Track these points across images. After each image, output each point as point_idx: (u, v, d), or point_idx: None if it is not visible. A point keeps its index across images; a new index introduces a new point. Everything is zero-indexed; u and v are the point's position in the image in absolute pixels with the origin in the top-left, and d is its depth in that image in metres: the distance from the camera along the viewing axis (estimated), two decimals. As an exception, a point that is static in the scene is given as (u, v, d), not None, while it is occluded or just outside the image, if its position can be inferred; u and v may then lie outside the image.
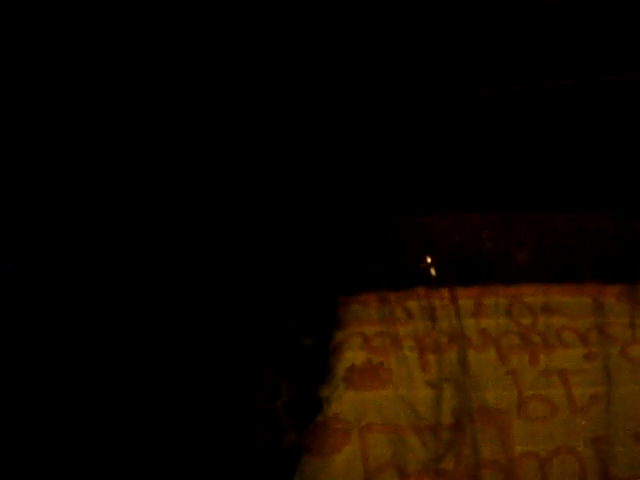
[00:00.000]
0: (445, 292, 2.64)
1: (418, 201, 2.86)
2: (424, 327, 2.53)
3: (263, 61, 2.85)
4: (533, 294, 2.64)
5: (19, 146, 2.86)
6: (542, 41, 2.79)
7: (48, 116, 2.90)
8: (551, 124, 2.93)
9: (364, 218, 2.86)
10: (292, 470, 2.10)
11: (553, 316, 2.56)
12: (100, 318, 2.57)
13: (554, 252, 2.81)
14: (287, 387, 2.46)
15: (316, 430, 2.18)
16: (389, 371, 2.37)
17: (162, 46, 2.88)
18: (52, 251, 2.71)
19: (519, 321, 2.55)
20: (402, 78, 2.88)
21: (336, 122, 2.92)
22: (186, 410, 2.36)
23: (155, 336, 2.58)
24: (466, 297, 2.63)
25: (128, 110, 2.89)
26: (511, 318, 2.56)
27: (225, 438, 2.29)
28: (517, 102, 2.92)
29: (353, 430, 2.17)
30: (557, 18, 2.76)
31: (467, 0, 2.74)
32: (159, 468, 2.22)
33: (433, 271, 2.74)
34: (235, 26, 2.84)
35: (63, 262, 2.68)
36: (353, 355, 2.44)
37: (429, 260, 2.76)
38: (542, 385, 2.31)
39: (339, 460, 2.10)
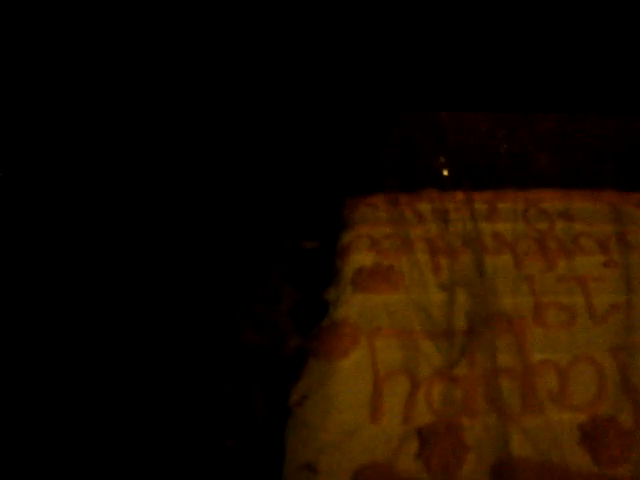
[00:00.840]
0: (459, 195, 2.52)
1: (431, 98, 2.72)
2: (436, 230, 2.41)
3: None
4: (550, 199, 2.53)
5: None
6: None
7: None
8: (575, 21, 2.76)
9: (373, 114, 2.71)
10: (297, 375, 1.98)
11: (571, 222, 2.45)
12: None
13: (574, 156, 2.70)
14: (290, 291, 2.35)
15: (322, 334, 2.06)
16: (400, 274, 2.25)
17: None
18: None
19: (536, 226, 2.43)
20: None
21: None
22: (188, 315, 2.25)
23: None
24: (480, 200, 2.51)
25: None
26: (527, 223, 2.45)
27: (227, 344, 2.18)
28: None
29: (362, 334, 2.06)
30: None
31: None
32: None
33: (446, 172, 2.62)
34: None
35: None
36: (361, 257, 2.31)
37: (442, 161, 2.63)
38: (560, 292, 2.20)
39: (347, 364, 1.99)
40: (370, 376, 1.97)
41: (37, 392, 2.14)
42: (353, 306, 2.14)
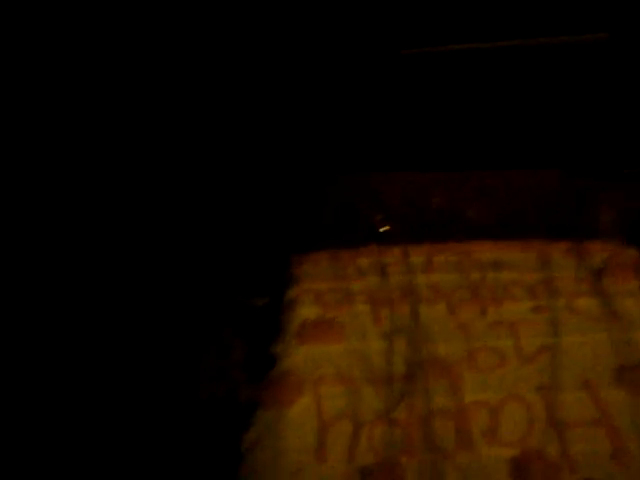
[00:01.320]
0: (396, 250, 2.67)
1: (366, 160, 2.88)
2: (376, 283, 2.56)
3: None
4: (482, 250, 2.69)
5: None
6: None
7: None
8: (495, 82, 2.96)
9: (312, 177, 2.87)
10: (249, 424, 2.10)
11: (502, 271, 2.60)
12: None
13: (502, 209, 2.87)
14: (240, 345, 2.47)
15: (270, 384, 2.19)
16: (342, 325, 2.39)
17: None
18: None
19: (469, 276, 2.59)
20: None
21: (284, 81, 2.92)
22: (142, 371, 2.36)
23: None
24: (417, 254, 2.66)
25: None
26: (461, 273, 2.60)
27: (183, 395, 2.29)
28: (464, 60, 2.95)
29: (307, 383, 2.19)
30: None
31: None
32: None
33: (383, 229, 2.77)
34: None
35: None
36: (306, 311, 2.46)
37: (379, 218, 2.79)
38: (491, 337, 2.35)
39: (293, 412, 2.11)
40: (315, 421, 2.09)
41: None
42: (298, 357, 2.28)
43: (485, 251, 2.69)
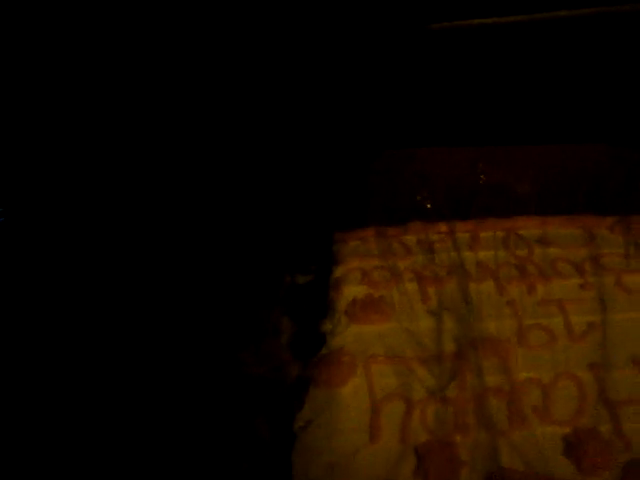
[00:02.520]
0: (442, 226, 2.67)
1: (412, 135, 2.87)
2: (423, 260, 2.56)
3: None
4: (528, 226, 2.68)
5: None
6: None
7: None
8: (545, 55, 2.92)
9: (357, 153, 2.86)
10: (301, 402, 2.12)
11: (548, 247, 2.59)
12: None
13: (549, 184, 2.84)
14: (289, 324, 2.48)
15: (321, 364, 2.20)
16: (390, 304, 2.40)
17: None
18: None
19: (515, 253, 2.58)
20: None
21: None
22: (192, 357, 2.39)
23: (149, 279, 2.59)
24: (463, 230, 2.66)
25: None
26: (508, 250, 2.59)
27: (233, 380, 2.31)
28: (509, 33, 2.91)
29: (358, 362, 2.20)
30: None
31: None
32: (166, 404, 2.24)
33: (430, 205, 2.77)
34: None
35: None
36: (354, 289, 2.46)
37: (425, 194, 2.78)
38: (540, 314, 2.35)
39: (346, 392, 2.12)
40: (368, 401, 2.11)
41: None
42: (348, 336, 2.29)
43: (531, 227, 2.68)
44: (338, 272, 2.54)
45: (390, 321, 2.34)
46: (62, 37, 2.91)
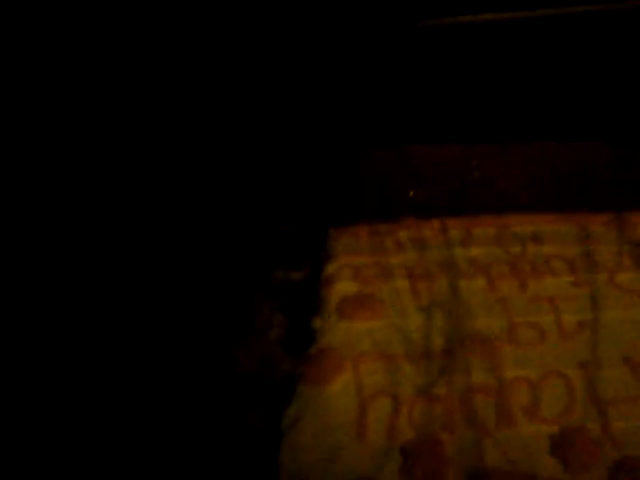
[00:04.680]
0: (435, 222, 2.66)
1: (405, 132, 2.86)
2: (415, 257, 2.55)
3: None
4: (522, 223, 2.67)
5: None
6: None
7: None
8: (537, 52, 2.91)
9: (350, 150, 2.85)
10: (288, 399, 2.12)
11: (542, 245, 2.58)
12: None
13: (542, 182, 2.84)
14: (279, 320, 2.48)
15: (310, 360, 2.20)
16: (381, 300, 2.39)
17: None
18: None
19: (508, 250, 2.57)
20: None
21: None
22: (182, 352, 2.38)
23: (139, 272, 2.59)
24: (456, 227, 2.65)
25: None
26: (500, 247, 2.58)
27: (223, 376, 2.31)
28: (502, 30, 2.90)
29: (347, 359, 2.19)
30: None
31: None
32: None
33: (422, 202, 2.76)
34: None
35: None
36: (345, 286, 2.46)
37: (419, 191, 2.78)
38: (531, 312, 2.34)
39: (334, 389, 2.12)
40: (355, 398, 2.10)
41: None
42: (338, 333, 2.29)
43: (524, 224, 2.67)
44: (330, 269, 2.53)
45: (380, 318, 2.33)
46: (62, 37, 2.90)
